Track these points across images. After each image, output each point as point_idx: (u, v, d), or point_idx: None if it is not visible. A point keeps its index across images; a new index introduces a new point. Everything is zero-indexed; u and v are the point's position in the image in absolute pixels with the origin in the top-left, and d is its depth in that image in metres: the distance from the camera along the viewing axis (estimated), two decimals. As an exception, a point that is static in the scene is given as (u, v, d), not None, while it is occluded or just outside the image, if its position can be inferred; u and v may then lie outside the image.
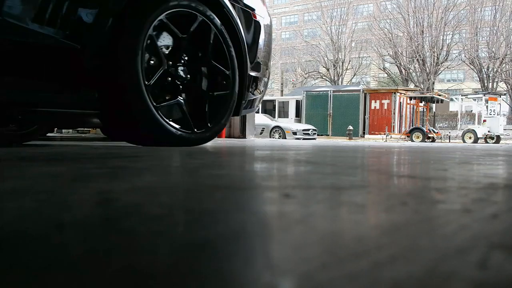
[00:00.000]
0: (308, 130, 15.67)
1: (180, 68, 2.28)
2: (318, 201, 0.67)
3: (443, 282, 0.31)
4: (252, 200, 0.67)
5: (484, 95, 15.41)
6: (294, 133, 15.07)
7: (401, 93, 18.52)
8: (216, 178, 0.93)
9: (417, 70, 28.61)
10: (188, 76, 2.32)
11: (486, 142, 14.23)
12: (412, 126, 17.09)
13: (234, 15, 2.48)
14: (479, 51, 28.38)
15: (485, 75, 27.98)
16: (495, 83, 28.42)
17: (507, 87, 27.83)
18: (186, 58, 2.31)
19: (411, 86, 27.54)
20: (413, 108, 18.13)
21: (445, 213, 0.58)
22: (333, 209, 0.61)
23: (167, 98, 2.24)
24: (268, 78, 3.12)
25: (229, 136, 9.74)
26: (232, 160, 1.61)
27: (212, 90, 2.43)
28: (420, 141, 14.39)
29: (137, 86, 1.97)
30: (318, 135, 16.61)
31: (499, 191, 0.82)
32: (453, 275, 0.32)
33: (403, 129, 17.97)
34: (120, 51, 1.93)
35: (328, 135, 19.13)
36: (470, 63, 28.28)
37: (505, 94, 21.39)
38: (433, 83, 28.04)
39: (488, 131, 14.50)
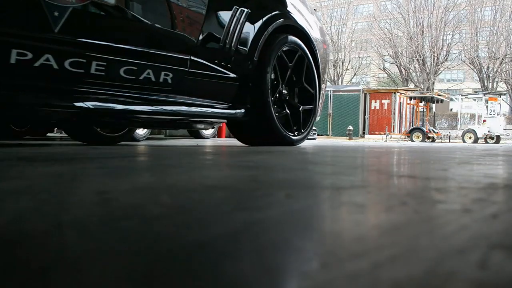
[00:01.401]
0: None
1: (285, 88, 3.03)
2: (318, 201, 0.67)
3: (443, 282, 0.31)
4: (252, 200, 0.67)
5: (484, 95, 15.41)
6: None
7: (401, 93, 18.52)
8: (218, 178, 0.93)
9: (417, 70, 28.61)
10: (289, 94, 3.08)
11: (486, 142, 14.23)
12: (412, 126, 17.08)
13: (316, 47, 3.27)
14: (479, 51, 28.37)
15: (485, 75, 27.97)
16: (495, 83, 28.42)
17: (507, 87, 27.82)
18: (288, 81, 3.07)
19: (411, 86, 27.53)
20: (413, 108, 18.13)
21: (445, 213, 0.58)
22: (333, 209, 0.61)
23: (278, 111, 2.97)
24: (325, 90, 3.78)
25: (229, 136, 9.73)
26: (233, 160, 1.61)
27: (303, 104, 3.18)
28: (420, 141, 14.39)
29: (267, 103, 2.76)
30: (318, 135, 16.58)
31: (499, 191, 0.82)
32: (453, 275, 0.32)
33: (403, 129, 17.97)
34: (258, 78, 2.74)
35: (328, 135, 19.12)
36: (470, 63, 28.28)
37: (505, 94, 21.39)
38: (433, 83, 28.04)
39: (488, 131, 14.49)
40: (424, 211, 0.59)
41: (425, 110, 17.64)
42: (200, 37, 2.32)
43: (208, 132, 7.57)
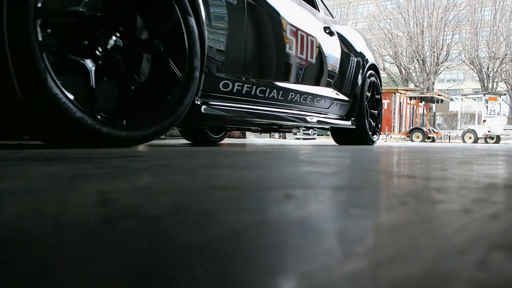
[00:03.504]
0: (308, 130, 15.64)
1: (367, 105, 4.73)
2: (316, 201, 0.67)
3: (443, 282, 0.31)
4: (253, 200, 0.67)
5: (484, 95, 15.42)
6: (294, 133, 15.05)
7: (401, 93, 18.52)
8: (216, 178, 0.93)
9: (417, 70, 28.62)
10: (369, 105, 4.82)
11: (486, 142, 14.24)
12: (412, 126, 17.08)
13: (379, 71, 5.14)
14: (479, 51, 28.39)
15: (485, 75, 27.99)
16: (495, 83, 28.43)
17: (507, 87, 27.83)
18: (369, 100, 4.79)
19: (411, 86, 27.54)
20: (413, 108, 18.14)
21: (445, 213, 0.58)
22: (332, 209, 0.61)
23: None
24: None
25: (229, 136, 9.74)
26: (233, 159, 1.61)
27: (373, 116, 4.87)
28: (420, 141, 14.39)
29: (364, 116, 4.56)
30: (318, 135, 16.58)
31: (499, 191, 0.82)
32: (453, 275, 0.32)
33: (403, 129, 17.97)
34: (360, 101, 4.53)
35: (328, 135, 19.08)
36: (470, 63, 28.30)
37: (505, 94, 21.37)
38: (433, 83, 28.06)
39: (488, 131, 14.50)
40: (424, 211, 0.59)
41: (425, 110, 17.64)
42: (336, 78, 4.00)
43: None
